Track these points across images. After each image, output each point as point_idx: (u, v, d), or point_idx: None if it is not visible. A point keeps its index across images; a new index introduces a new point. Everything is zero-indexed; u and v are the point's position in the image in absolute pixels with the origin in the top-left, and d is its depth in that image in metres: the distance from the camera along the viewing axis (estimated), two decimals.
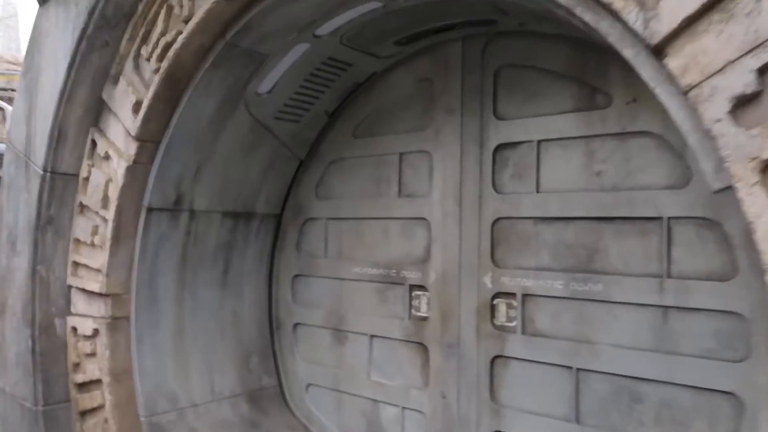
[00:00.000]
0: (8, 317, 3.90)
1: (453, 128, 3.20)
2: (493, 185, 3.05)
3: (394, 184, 3.48)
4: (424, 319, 3.30)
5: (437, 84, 3.33)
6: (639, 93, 2.54)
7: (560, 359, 2.80)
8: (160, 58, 3.23)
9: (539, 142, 2.91)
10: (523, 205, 2.94)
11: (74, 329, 3.68)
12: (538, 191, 2.91)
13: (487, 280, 3.06)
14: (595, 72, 2.76)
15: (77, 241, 3.70)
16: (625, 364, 2.60)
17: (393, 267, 3.44)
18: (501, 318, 3.02)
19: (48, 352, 3.70)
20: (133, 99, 3.37)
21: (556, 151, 2.88)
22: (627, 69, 2.03)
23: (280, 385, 4.04)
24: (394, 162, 3.48)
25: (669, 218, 2.50)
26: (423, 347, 3.32)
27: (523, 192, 2.95)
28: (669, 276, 2.49)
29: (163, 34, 3.23)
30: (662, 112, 1.97)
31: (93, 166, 3.64)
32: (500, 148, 3.05)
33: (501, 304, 3.02)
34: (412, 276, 3.36)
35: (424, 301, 3.31)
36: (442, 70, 3.32)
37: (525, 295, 2.92)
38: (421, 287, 3.32)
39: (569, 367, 2.77)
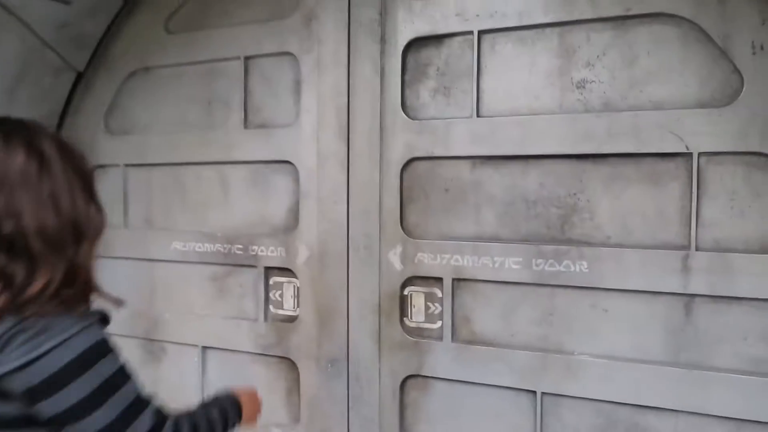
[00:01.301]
0: None
1: (335, 14, 2.16)
2: (403, 106, 2.09)
3: (236, 108, 2.38)
4: (291, 320, 2.31)
5: None
6: None
7: (515, 379, 1.97)
8: None
9: (481, 33, 1.97)
10: (453, 137, 2.02)
11: None
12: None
13: (395, 259, 2.10)
14: None
15: None
16: (620, 386, 1.84)
17: (238, 240, 2.38)
18: (417, 317, 2.10)
19: None
20: None
21: (510, 49, 1.95)
22: None
23: None
24: (236, 71, 2.36)
25: (700, 155, 1.75)
26: (290, 364, 2.34)
27: (454, 117, 2.03)
28: (698, 248, 1.76)
29: None
30: None
31: None
32: (415, 44, 2.07)
33: (417, 296, 2.10)
34: (270, 254, 2.32)
35: (289, 292, 2.31)
36: None
37: (457, 281, 2.04)
38: (286, 271, 2.31)
39: (530, 392, 1.97)
